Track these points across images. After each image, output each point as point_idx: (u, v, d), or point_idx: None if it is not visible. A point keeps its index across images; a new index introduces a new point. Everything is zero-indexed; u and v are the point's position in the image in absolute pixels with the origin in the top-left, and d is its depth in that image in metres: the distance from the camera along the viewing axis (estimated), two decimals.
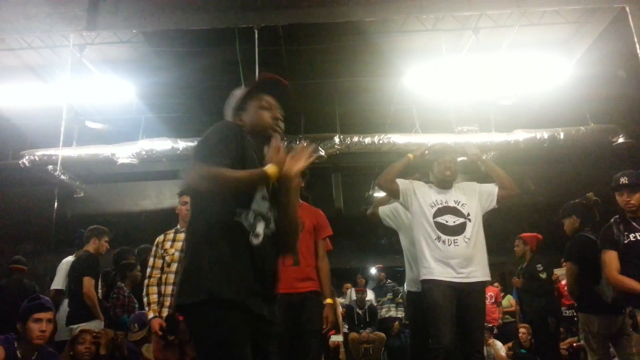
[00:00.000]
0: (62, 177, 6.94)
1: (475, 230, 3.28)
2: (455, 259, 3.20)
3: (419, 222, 3.34)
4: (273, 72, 2.01)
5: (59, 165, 6.61)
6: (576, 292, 4.00)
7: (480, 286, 3.25)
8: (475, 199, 3.38)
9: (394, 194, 3.46)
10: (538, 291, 4.81)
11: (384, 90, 6.49)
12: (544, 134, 6.56)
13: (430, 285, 3.21)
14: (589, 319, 3.85)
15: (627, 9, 4.66)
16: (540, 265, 4.83)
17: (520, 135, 6.64)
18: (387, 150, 6.71)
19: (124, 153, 6.68)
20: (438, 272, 3.20)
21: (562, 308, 5.27)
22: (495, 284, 8.33)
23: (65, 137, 5.93)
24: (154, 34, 5.40)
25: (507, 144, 6.69)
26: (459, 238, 3.24)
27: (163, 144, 6.60)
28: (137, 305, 4.52)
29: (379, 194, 3.59)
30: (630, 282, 3.12)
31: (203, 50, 5.66)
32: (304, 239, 3.35)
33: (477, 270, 3.22)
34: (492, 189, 3.45)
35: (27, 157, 6.69)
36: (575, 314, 4.71)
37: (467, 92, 5.99)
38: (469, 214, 3.31)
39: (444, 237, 3.23)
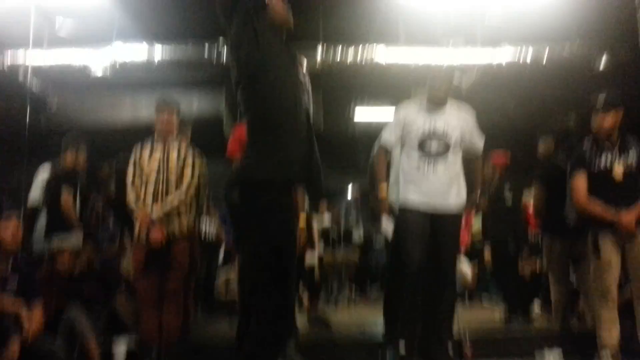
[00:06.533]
0: (33, 87, 6.65)
1: (454, 159, 3.25)
2: (432, 186, 3.18)
3: (404, 147, 3.29)
4: None
5: (29, 74, 6.30)
6: (542, 213, 4.12)
7: (456, 217, 3.25)
8: (460, 128, 3.29)
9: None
10: (502, 214, 4.80)
11: (369, 2, 6.23)
12: (529, 50, 6.45)
13: (404, 211, 3.22)
14: (552, 240, 4.01)
15: None
16: (507, 187, 4.76)
17: (505, 54, 6.49)
18: (369, 69, 6.55)
19: (98, 63, 6.35)
20: (414, 199, 3.20)
21: (528, 235, 5.23)
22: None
23: (34, 40, 5.56)
24: None
25: (489, 67, 6.59)
26: (439, 166, 3.20)
27: (139, 52, 6.30)
28: (111, 220, 4.53)
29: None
30: (596, 208, 3.20)
31: None
32: None
33: (454, 200, 3.23)
34: (475, 143, 3.38)
35: None
36: (540, 239, 4.79)
37: (455, 2, 5.85)
38: (454, 140, 3.25)
39: (424, 164, 3.19)
